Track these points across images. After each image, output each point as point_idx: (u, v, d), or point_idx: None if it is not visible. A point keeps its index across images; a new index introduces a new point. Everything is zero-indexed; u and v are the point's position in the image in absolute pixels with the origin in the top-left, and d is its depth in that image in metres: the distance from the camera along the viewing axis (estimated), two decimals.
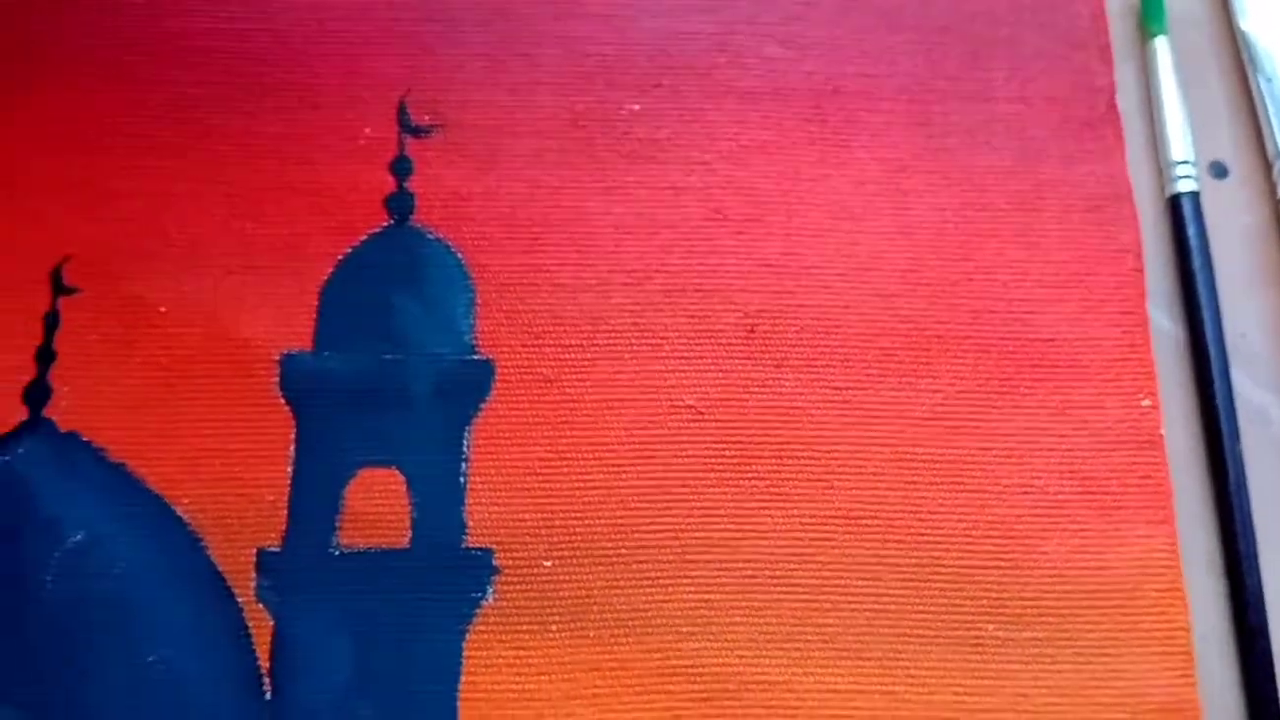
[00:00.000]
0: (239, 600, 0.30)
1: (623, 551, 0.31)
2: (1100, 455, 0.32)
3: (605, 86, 0.36)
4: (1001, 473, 0.32)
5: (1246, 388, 0.37)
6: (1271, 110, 0.40)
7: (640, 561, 0.31)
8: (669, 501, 0.31)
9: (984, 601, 0.31)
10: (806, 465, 0.32)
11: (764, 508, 0.32)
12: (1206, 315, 0.37)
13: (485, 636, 0.30)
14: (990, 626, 0.31)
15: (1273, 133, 0.40)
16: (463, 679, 0.30)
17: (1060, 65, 0.37)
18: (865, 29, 0.37)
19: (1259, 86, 0.40)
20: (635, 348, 0.33)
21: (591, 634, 0.30)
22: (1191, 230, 0.38)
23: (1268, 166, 0.40)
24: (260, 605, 0.30)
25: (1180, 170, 0.39)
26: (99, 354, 0.32)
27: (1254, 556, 0.34)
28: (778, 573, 0.31)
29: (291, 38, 0.36)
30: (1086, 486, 0.32)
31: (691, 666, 0.30)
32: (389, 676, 0.30)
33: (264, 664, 0.30)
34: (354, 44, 0.36)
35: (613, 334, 0.33)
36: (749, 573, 0.31)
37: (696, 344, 0.33)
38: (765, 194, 0.35)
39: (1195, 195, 0.38)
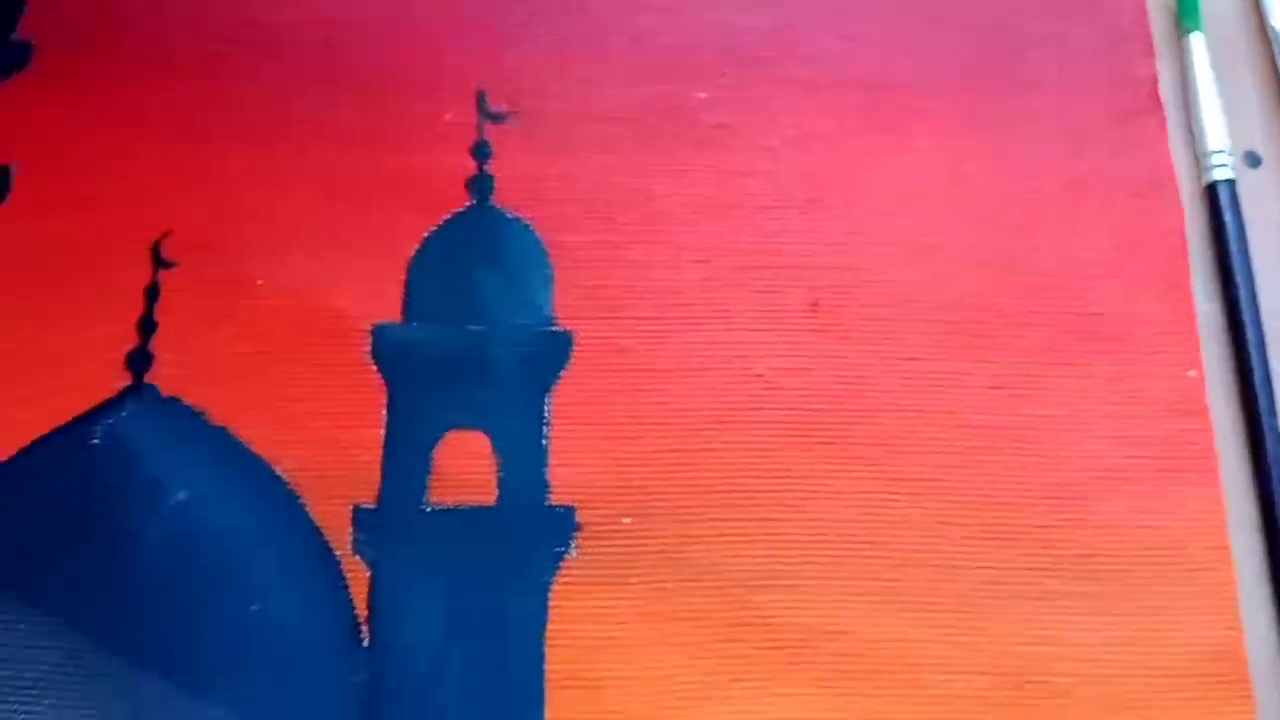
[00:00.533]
0: (336, 554, 0.32)
1: (699, 510, 0.33)
2: (1150, 422, 0.34)
3: (672, 77, 0.38)
4: (1058, 439, 0.34)
5: None
6: None
7: (715, 520, 0.33)
8: (742, 464, 0.33)
9: (1044, 558, 0.33)
10: (873, 431, 0.34)
11: (832, 471, 0.33)
12: (1243, 296, 0.39)
13: (570, 588, 0.32)
14: (1050, 581, 0.32)
15: None
16: (549, 627, 0.31)
17: (1104, 58, 0.39)
18: (916, 24, 0.39)
19: None
20: (707, 321, 0.35)
21: (670, 586, 0.32)
22: (1228, 216, 0.40)
23: None
24: (357, 558, 0.32)
25: (1216, 159, 0.41)
26: (199, 324, 0.34)
27: None
28: (845, 531, 0.33)
29: (373, 31, 0.39)
30: (1138, 451, 0.34)
31: (764, 617, 0.32)
32: (480, 625, 0.32)
33: (362, 614, 0.32)
34: (433, 36, 0.38)
35: (685, 308, 0.35)
36: (818, 531, 0.33)
37: (764, 318, 0.35)
38: (826, 178, 0.37)
39: (1231, 183, 0.40)
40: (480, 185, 0.36)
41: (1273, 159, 0.43)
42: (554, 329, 0.35)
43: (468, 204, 0.36)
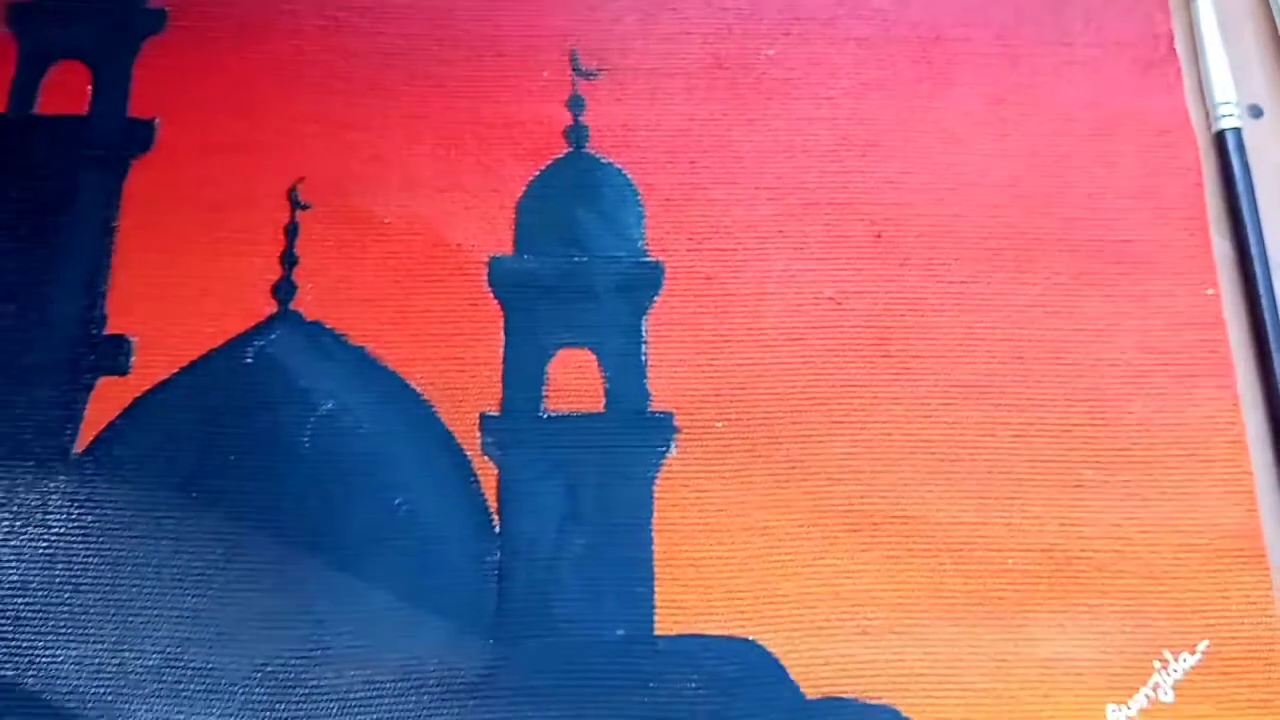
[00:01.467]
0: (467, 454, 0.36)
1: (780, 414, 0.37)
2: (1173, 333, 0.38)
3: (743, 35, 0.42)
4: (1093, 349, 0.38)
5: None
6: None
7: (795, 423, 0.37)
8: (816, 375, 0.38)
9: (1082, 452, 0.37)
10: (930, 345, 0.38)
11: (896, 379, 0.38)
12: (1250, 231, 0.43)
13: (671, 482, 0.36)
14: (1088, 472, 0.37)
15: None
16: (655, 515, 0.36)
17: (1127, 15, 0.43)
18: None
19: None
20: (781, 250, 0.39)
21: (758, 480, 0.36)
22: (1235, 160, 0.44)
23: None
24: (485, 458, 0.36)
25: (1224, 110, 0.45)
26: (335, 257, 0.38)
27: None
28: (910, 431, 0.37)
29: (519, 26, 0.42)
30: (1163, 359, 0.38)
31: (841, 505, 0.36)
32: (595, 513, 0.36)
33: (492, 505, 0.36)
34: (530, 2, 0.42)
35: (761, 239, 0.39)
36: (886, 431, 0.37)
37: (832, 247, 0.39)
38: (883, 123, 0.41)
39: (1238, 131, 0.45)
40: (576, 134, 0.40)
41: (1273, 111, 0.47)
42: (647, 259, 0.39)
43: (566, 151, 0.40)
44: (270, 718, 0.33)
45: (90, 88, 0.40)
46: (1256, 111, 0.46)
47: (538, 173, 0.40)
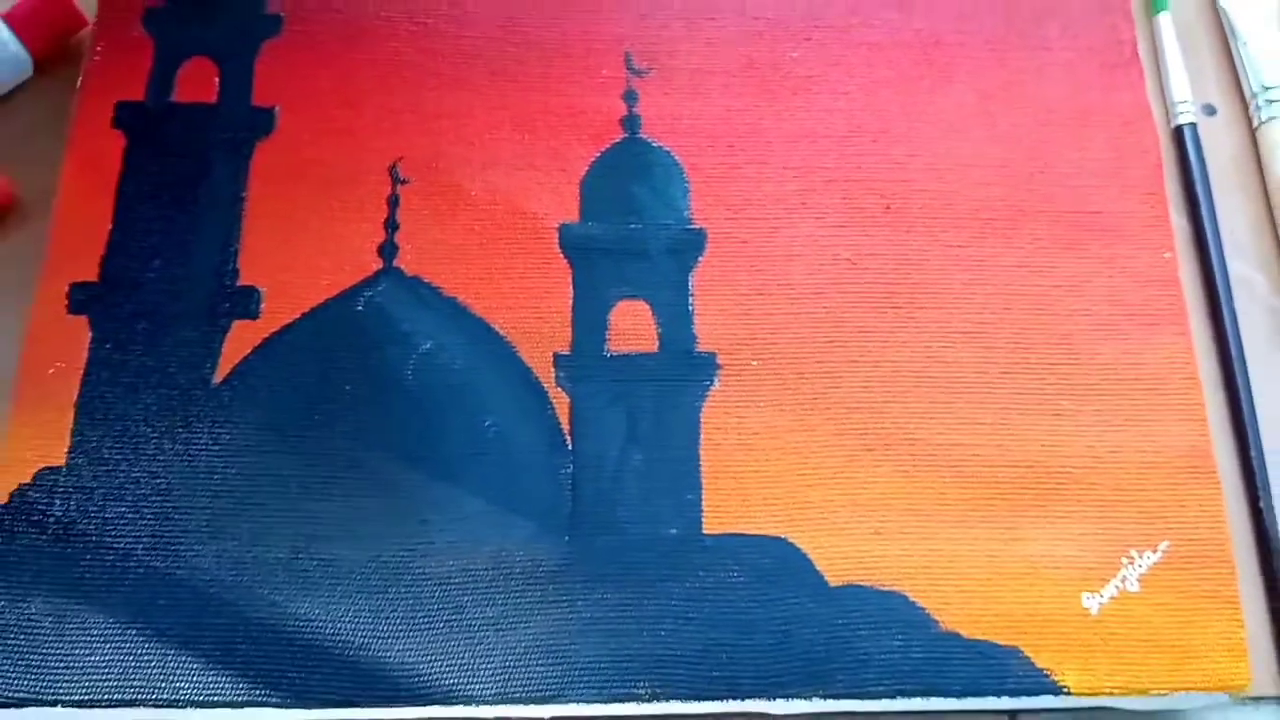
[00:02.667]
0: (544, 386, 0.42)
1: (805, 355, 0.43)
2: (1137, 289, 0.45)
3: (772, 40, 0.48)
4: (1068, 301, 0.44)
5: (1236, 266, 0.49)
6: (1245, 65, 0.52)
7: (819, 362, 0.43)
8: (835, 323, 0.44)
9: (1060, 386, 0.43)
10: (933, 298, 0.44)
11: (901, 327, 0.44)
12: (1205, 212, 0.49)
13: (715, 410, 0.42)
14: (1065, 402, 0.43)
15: (1247, 82, 0.52)
16: (701, 437, 0.42)
17: (1096, 24, 0.49)
18: (960, 3, 0.49)
19: (1235, 48, 0.52)
20: (805, 219, 0.45)
21: (788, 409, 0.42)
22: (1192, 150, 0.50)
23: (1245, 107, 0.52)
24: (559, 389, 0.42)
25: (1182, 108, 0.51)
26: (430, 223, 0.44)
27: (1243, 362, 0.46)
28: (915, 369, 0.43)
29: (545, 6, 0.48)
30: (1128, 310, 0.44)
31: (858, 429, 0.42)
32: (651, 435, 0.42)
33: (565, 428, 0.42)
34: (590, 10, 0.48)
35: (788, 209, 0.45)
36: (895, 370, 0.43)
37: (848, 217, 0.45)
38: (891, 115, 0.47)
39: (1194, 125, 0.51)
40: (631, 123, 0.47)
41: (1225, 110, 0.52)
42: (692, 227, 0.45)
43: (622, 136, 0.46)
44: (382, 600, 0.39)
45: (218, 80, 0.46)
46: (1210, 110, 0.52)
47: (599, 154, 0.46)
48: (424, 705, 0.38)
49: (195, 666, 0.38)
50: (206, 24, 0.47)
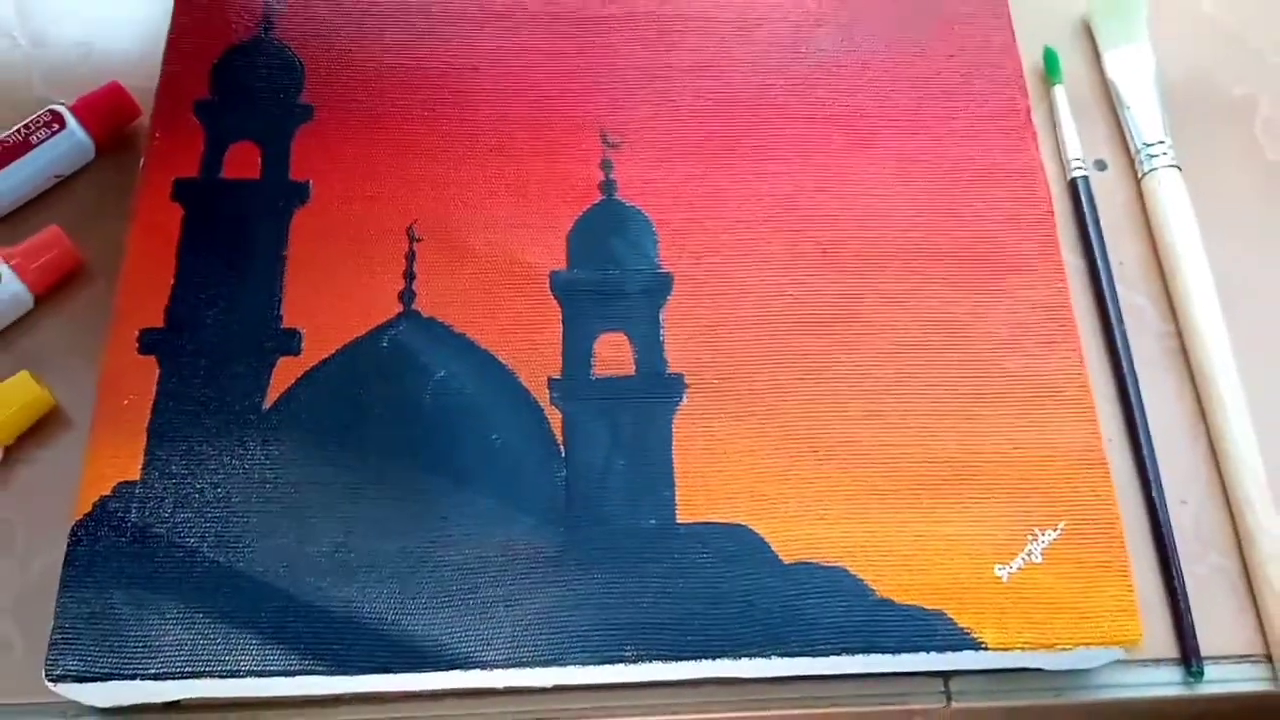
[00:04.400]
0: (540, 405, 0.49)
1: (758, 374, 0.50)
2: (1034, 314, 0.51)
3: (726, 118, 0.56)
4: (977, 326, 0.51)
5: (1129, 296, 0.56)
6: (1129, 127, 0.60)
7: (770, 380, 0.50)
8: (783, 347, 0.50)
9: (972, 395, 0.50)
10: (862, 326, 0.51)
11: (839, 349, 0.50)
12: (1098, 251, 0.56)
13: (684, 421, 0.49)
14: (977, 408, 0.50)
15: (1132, 141, 0.59)
16: (674, 443, 0.48)
17: (996, 96, 0.57)
18: (877, 82, 0.57)
19: (1121, 112, 0.60)
20: (755, 263, 0.52)
21: (745, 419, 0.49)
22: (1085, 199, 0.58)
23: (1131, 161, 0.60)
24: (554, 407, 0.49)
25: (1076, 164, 0.58)
26: (442, 273, 0.51)
27: (1134, 375, 0.54)
28: (850, 384, 0.50)
29: (533, 92, 0.56)
30: (1028, 331, 0.51)
31: (804, 435, 0.49)
32: (632, 444, 0.48)
33: (559, 438, 0.48)
34: (570, 95, 0.56)
35: (741, 255, 0.52)
36: (833, 385, 0.50)
37: (792, 260, 0.52)
38: (826, 176, 0.54)
39: (1086, 178, 0.58)
40: (608, 187, 0.54)
41: (1114, 165, 0.60)
42: (660, 271, 0.52)
43: (601, 199, 0.54)
44: (410, 582, 0.45)
45: (260, 160, 0.53)
46: (1101, 165, 0.60)
47: (582, 213, 0.53)
48: (447, 669, 0.44)
49: (254, 642, 0.44)
50: (249, 113, 0.55)
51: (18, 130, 0.55)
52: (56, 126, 0.55)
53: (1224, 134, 0.61)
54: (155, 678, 0.44)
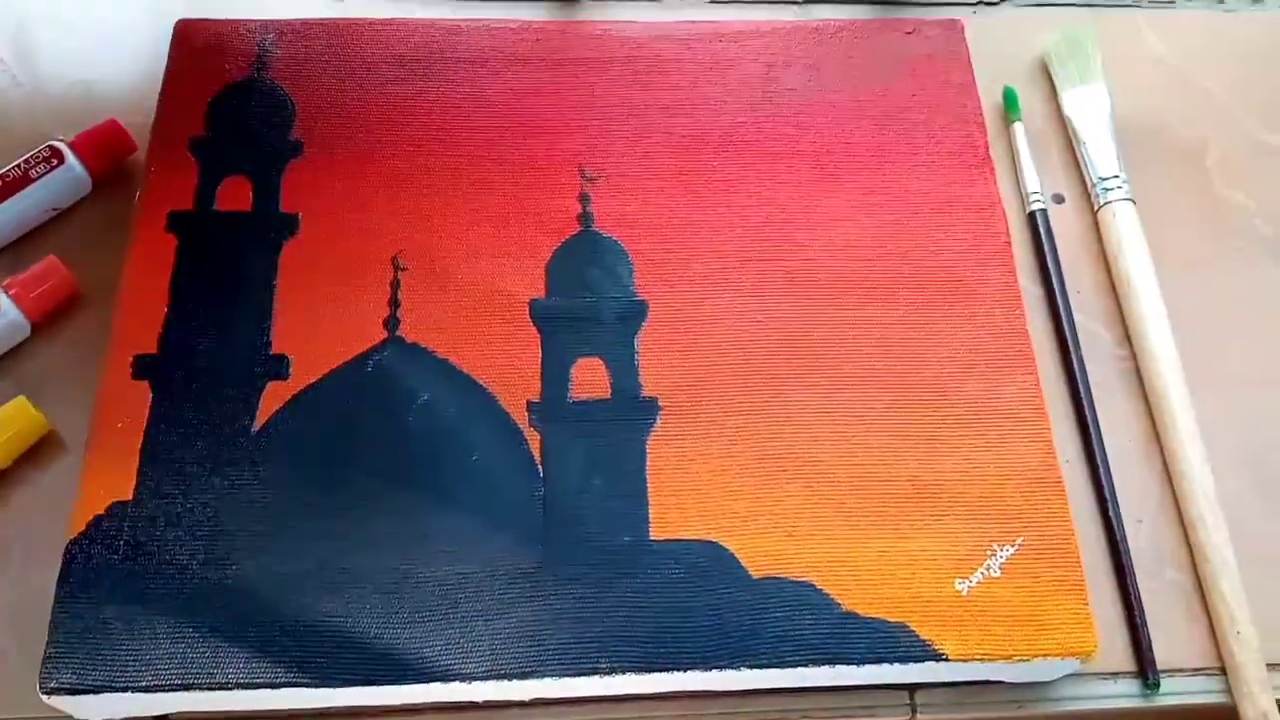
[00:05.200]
0: (520, 426, 0.51)
1: (729, 397, 0.52)
2: (992, 339, 0.53)
3: (698, 153, 0.58)
4: (938, 350, 0.53)
5: (1086, 323, 0.58)
6: (1086, 161, 0.62)
7: (741, 402, 0.51)
8: (753, 371, 0.52)
9: (934, 418, 0.52)
10: (829, 349, 0.53)
11: (806, 373, 0.52)
12: (1055, 280, 0.58)
13: (657, 442, 0.50)
14: (939, 428, 0.51)
15: (1088, 175, 0.61)
16: (647, 464, 0.50)
17: (956, 133, 0.59)
18: (842, 119, 0.59)
19: (1078, 148, 0.63)
20: (726, 290, 0.54)
21: (715, 437, 0.51)
22: (1043, 230, 0.60)
23: (1086, 196, 0.62)
24: (533, 428, 0.51)
25: (1034, 197, 0.60)
26: (425, 301, 0.53)
27: (1090, 397, 0.55)
28: (816, 406, 0.52)
29: (517, 131, 0.58)
30: (987, 356, 0.53)
31: (773, 455, 0.50)
32: (607, 464, 0.50)
33: (538, 459, 0.50)
34: (552, 133, 0.58)
35: (713, 284, 0.54)
36: (801, 407, 0.52)
37: (760, 288, 0.54)
38: (793, 209, 0.57)
39: (1045, 211, 0.60)
40: (585, 219, 0.56)
41: (1071, 198, 0.62)
42: (636, 298, 0.54)
43: (579, 230, 0.56)
44: (393, 599, 0.46)
45: (251, 193, 0.55)
46: (1059, 198, 0.62)
47: (560, 244, 0.55)
48: (428, 682, 0.46)
49: (241, 656, 0.45)
50: (242, 149, 0.57)
51: (17, 165, 0.56)
52: (55, 162, 0.56)
53: (1176, 169, 0.63)
54: (146, 690, 0.45)
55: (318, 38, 0.60)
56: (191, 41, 0.60)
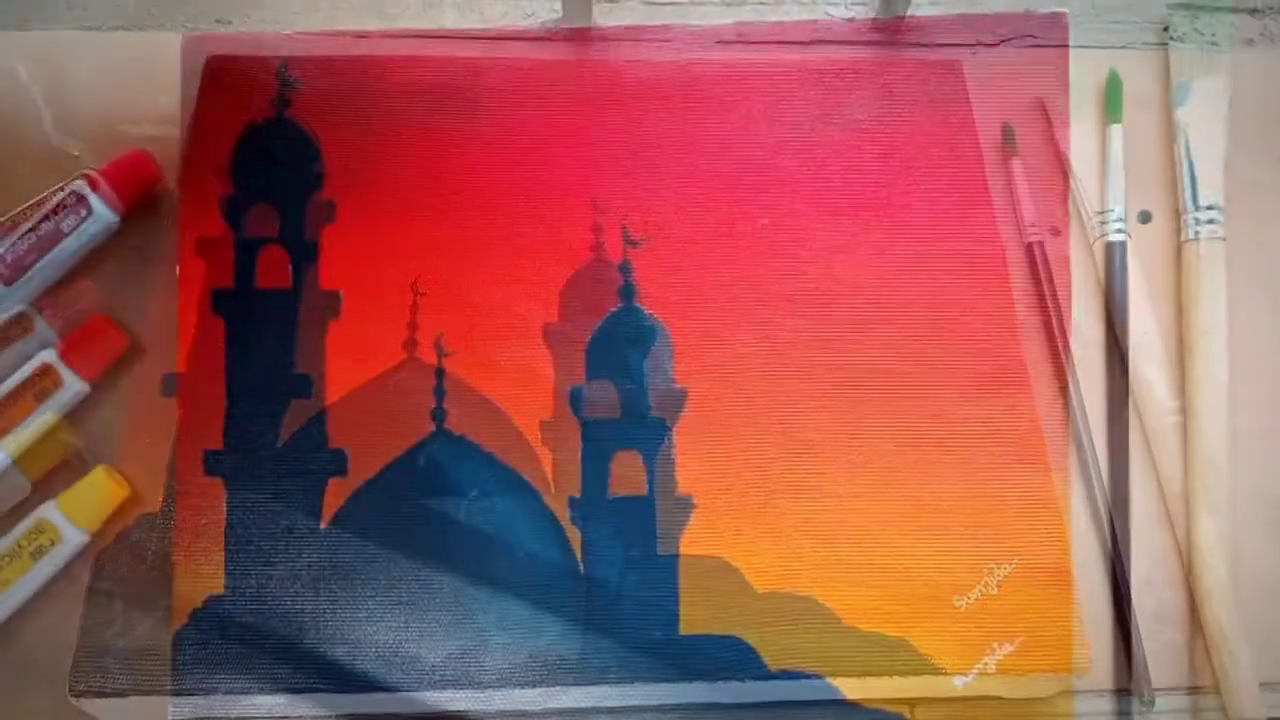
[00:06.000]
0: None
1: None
2: (990, 363, 0.55)
3: (743, 210, 0.56)
4: (936, 375, 0.55)
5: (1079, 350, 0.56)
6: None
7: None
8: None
9: (938, 444, 0.54)
10: (838, 370, 0.55)
11: (821, 391, 0.55)
12: (1052, 308, 0.56)
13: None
14: (938, 454, 0.54)
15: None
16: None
17: (954, 167, 0.58)
18: (854, 160, 0.57)
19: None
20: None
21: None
22: (1040, 264, 0.57)
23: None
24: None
25: (1031, 230, 0.57)
26: (453, 327, 0.55)
27: (1087, 422, 0.56)
28: (825, 430, 0.54)
29: (559, 180, 0.56)
30: (984, 382, 0.55)
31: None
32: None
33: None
34: (592, 185, 0.56)
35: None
36: (814, 441, 0.54)
37: (770, 314, 0.56)
38: (810, 248, 0.56)
39: (1042, 243, 0.57)
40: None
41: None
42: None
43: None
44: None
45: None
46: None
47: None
48: None
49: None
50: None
51: (46, 216, 0.55)
52: (84, 212, 0.55)
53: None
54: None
55: (343, 73, 0.57)
56: (221, 79, 0.57)
